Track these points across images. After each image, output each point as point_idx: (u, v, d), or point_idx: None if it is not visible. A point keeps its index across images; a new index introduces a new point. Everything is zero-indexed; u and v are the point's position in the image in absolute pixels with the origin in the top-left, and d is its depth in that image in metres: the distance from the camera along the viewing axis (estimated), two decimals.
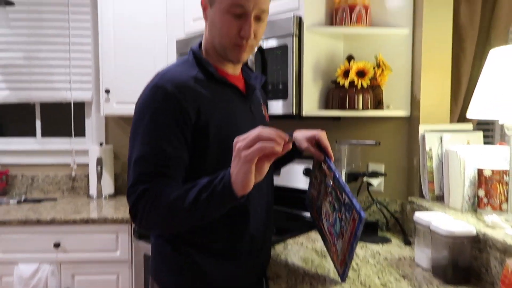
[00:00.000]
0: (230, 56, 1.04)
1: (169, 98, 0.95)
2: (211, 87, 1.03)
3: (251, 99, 1.15)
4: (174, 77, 0.99)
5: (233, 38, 1.01)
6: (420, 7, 1.64)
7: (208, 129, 0.99)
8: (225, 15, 0.99)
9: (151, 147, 0.94)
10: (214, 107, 1.01)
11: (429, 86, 1.65)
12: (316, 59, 1.72)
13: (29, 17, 2.58)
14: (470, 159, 1.39)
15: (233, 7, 0.97)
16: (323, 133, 1.16)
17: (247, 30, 0.99)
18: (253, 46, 1.06)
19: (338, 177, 1.07)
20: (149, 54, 2.29)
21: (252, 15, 0.99)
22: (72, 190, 2.69)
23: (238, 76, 1.15)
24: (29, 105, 2.69)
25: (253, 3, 0.98)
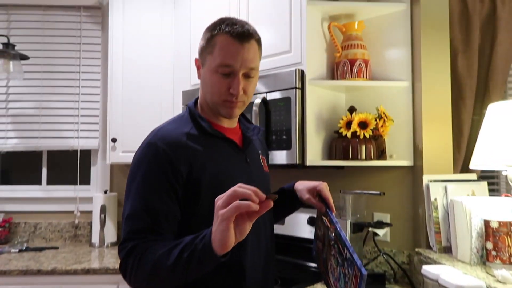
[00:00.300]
0: (222, 112, 1.08)
1: (160, 156, 0.98)
2: (204, 141, 1.05)
3: (248, 151, 1.16)
4: (166, 134, 1.03)
5: (223, 95, 1.04)
6: (418, 60, 1.71)
7: (200, 184, 1.00)
8: (215, 74, 1.04)
9: (142, 204, 0.96)
10: (207, 162, 1.03)
11: (431, 136, 1.67)
12: (318, 110, 1.76)
13: (42, 69, 2.69)
14: (476, 210, 1.38)
15: (221, 67, 1.02)
16: (324, 184, 1.16)
17: (235, 87, 1.03)
18: (244, 102, 1.08)
19: (339, 230, 1.06)
20: (156, 105, 2.36)
21: (240, 73, 1.03)
22: (74, 238, 2.66)
23: (235, 129, 1.17)
24: (35, 153, 2.73)
25: (240, 63, 1.02)
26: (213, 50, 1.04)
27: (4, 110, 2.67)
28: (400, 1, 1.77)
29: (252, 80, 1.08)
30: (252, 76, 1.06)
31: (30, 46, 2.65)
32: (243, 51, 1.02)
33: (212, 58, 1.04)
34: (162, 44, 2.39)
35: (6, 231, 2.57)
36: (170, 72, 2.37)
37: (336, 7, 1.81)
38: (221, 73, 1.03)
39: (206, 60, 1.06)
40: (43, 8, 2.71)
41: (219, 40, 1.03)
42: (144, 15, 2.40)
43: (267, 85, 1.78)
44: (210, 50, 1.05)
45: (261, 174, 1.19)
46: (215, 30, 1.04)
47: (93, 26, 2.74)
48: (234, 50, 1.01)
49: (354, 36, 1.78)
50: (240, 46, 1.02)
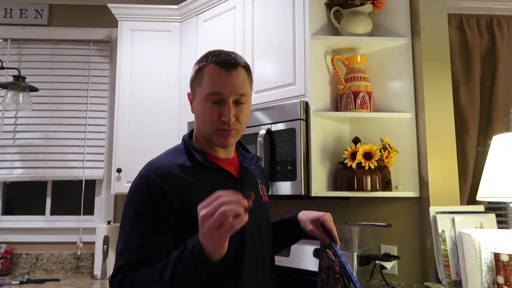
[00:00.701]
0: (216, 142, 1.08)
1: (152, 188, 0.99)
2: (198, 173, 1.05)
3: (245, 181, 1.15)
4: (159, 166, 1.04)
5: (215, 124, 1.05)
6: (421, 92, 1.73)
7: (193, 215, 0.97)
8: (205, 104, 1.05)
9: (135, 238, 0.96)
10: (200, 193, 1.00)
11: (436, 167, 1.67)
12: (323, 141, 1.77)
13: (50, 100, 2.74)
14: (485, 243, 1.36)
15: (210, 95, 1.04)
16: (328, 215, 1.15)
17: (226, 114, 1.03)
18: (238, 130, 1.08)
19: (344, 264, 1.04)
20: (161, 136, 2.39)
21: (230, 100, 1.04)
22: (76, 269, 2.63)
23: (232, 159, 1.16)
24: (40, 183, 2.73)
25: (229, 89, 1.03)
26: (201, 81, 1.06)
27: (12, 140, 2.71)
28: (401, 35, 1.82)
29: (244, 107, 1.08)
30: (243, 103, 1.07)
31: (40, 78, 2.72)
32: (231, 78, 1.04)
33: (201, 88, 1.06)
34: (168, 77, 2.44)
35: (7, 262, 2.54)
36: (175, 104, 2.41)
37: (338, 42, 1.85)
38: (211, 101, 1.04)
39: (197, 92, 1.09)
40: (54, 42, 2.80)
41: (207, 71, 1.05)
42: (151, 49, 2.46)
43: (271, 117, 1.80)
44: (199, 81, 1.07)
45: (259, 204, 1.17)
46: (203, 62, 1.08)
47: (101, 59, 2.82)
48: (222, 78, 1.04)
49: (357, 69, 1.81)
50: (227, 74, 1.04)
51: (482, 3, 2.18)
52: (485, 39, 2.16)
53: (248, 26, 2.04)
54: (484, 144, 2.09)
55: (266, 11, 1.96)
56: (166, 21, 2.47)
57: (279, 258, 1.92)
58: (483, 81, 2.12)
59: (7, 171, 2.67)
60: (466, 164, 1.92)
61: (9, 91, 2.42)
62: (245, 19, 2.06)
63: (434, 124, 1.69)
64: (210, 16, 2.27)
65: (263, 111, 1.84)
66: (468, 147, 1.94)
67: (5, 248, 2.56)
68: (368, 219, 1.83)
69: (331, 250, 1.10)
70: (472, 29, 2.15)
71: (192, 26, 2.38)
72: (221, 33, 2.19)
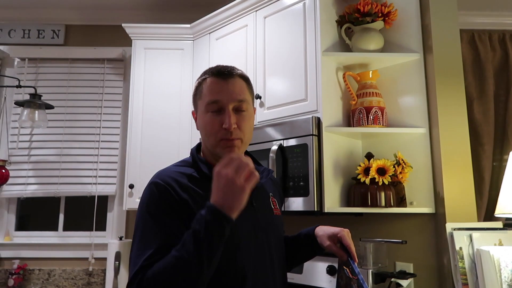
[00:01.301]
0: (221, 154, 1.05)
1: (162, 190, 0.99)
2: (206, 185, 1.01)
3: (254, 194, 1.10)
4: (168, 174, 1.04)
5: (217, 134, 1.04)
6: (434, 107, 1.72)
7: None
8: (206, 115, 1.06)
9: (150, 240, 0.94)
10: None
11: (452, 183, 1.65)
12: (335, 157, 1.76)
13: (65, 117, 2.79)
14: (505, 260, 1.32)
15: (209, 104, 1.05)
16: (346, 231, 1.12)
17: (227, 121, 1.02)
18: (242, 140, 1.06)
19: (362, 282, 1.02)
20: (174, 152, 2.39)
21: (230, 108, 1.04)
22: (87, 285, 2.62)
23: None
24: (53, 199, 2.76)
25: (227, 97, 1.04)
26: (201, 94, 1.08)
27: (27, 157, 2.75)
28: (413, 51, 1.82)
29: (245, 114, 1.07)
30: (243, 110, 1.06)
31: (55, 96, 2.78)
32: (227, 85, 1.06)
33: (201, 101, 1.08)
34: (181, 95, 2.47)
35: (20, 278, 2.55)
36: (188, 121, 2.43)
37: (350, 58, 1.86)
38: (211, 111, 1.05)
39: (198, 106, 1.10)
40: (70, 61, 2.87)
41: (205, 83, 1.08)
42: (164, 67, 2.50)
43: (283, 132, 1.81)
44: (199, 95, 1.09)
45: (269, 218, 1.15)
46: (201, 77, 1.11)
47: (115, 77, 2.87)
48: (219, 86, 1.06)
49: (369, 84, 1.82)
50: (223, 82, 1.06)
51: (494, 18, 2.19)
52: (498, 53, 2.15)
53: (260, 43, 2.07)
54: (500, 159, 2.06)
55: (278, 29, 1.99)
56: (179, 40, 2.52)
57: (292, 275, 1.89)
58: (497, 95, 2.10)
59: (21, 187, 2.70)
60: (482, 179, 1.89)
61: (25, 109, 2.47)
62: (257, 37, 2.09)
63: (448, 139, 1.68)
64: (222, 34, 2.31)
65: (275, 127, 1.84)
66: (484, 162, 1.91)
67: (18, 264, 2.58)
68: (382, 235, 1.80)
69: (348, 267, 1.08)
70: (484, 44, 2.15)
71: (205, 44, 2.42)
72: (233, 51, 2.22)
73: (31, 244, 2.68)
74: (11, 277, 2.52)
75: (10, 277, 2.52)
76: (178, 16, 2.83)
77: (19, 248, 2.67)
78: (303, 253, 1.27)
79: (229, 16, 2.25)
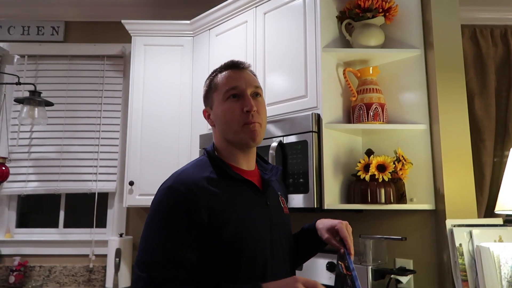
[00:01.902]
0: (245, 138, 1.06)
1: (181, 200, 0.97)
2: (225, 185, 1.04)
3: (268, 194, 1.14)
4: (187, 178, 1.01)
5: (239, 118, 1.05)
6: (435, 103, 1.71)
7: (224, 226, 0.98)
8: (225, 103, 1.07)
9: (162, 251, 0.94)
10: (228, 206, 1.01)
11: (452, 179, 1.64)
12: (335, 154, 1.76)
13: (65, 114, 2.79)
14: (505, 257, 1.32)
15: (228, 91, 1.07)
16: (344, 223, 1.12)
17: (248, 103, 1.05)
18: (261, 124, 1.09)
19: (355, 278, 1.01)
20: (173, 149, 2.40)
21: (248, 93, 1.08)
22: (88, 282, 2.63)
23: (254, 171, 1.16)
24: (53, 196, 2.76)
25: (245, 82, 1.09)
26: (217, 86, 1.11)
27: (27, 154, 2.75)
28: (414, 47, 1.81)
29: (261, 100, 1.11)
30: (260, 95, 1.11)
31: (55, 93, 2.77)
32: (243, 74, 1.11)
33: (218, 92, 1.10)
34: (181, 91, 2.46)
35: (21, 275, 2.56)
36: (188, 117, 2.43)
37: (350, 54, 1.85)
38: (230, 98, 1.07)
39: (214, 99, 1.11)
40: (69, 58, 2.86)
41: (219, 77, 1.12)
42: (164, 63, 2.50)
43: (283, 129, 1.80)
44: (214, 88, 1.11)
45: (281, 217, 1.16)
46: (213, 74, 1.14)
47: (115, 74, 2.86)
48: (236, 75, 1.10)
49: (369, 81, 1.81)
50: (239, 72, 1.11)
51: (496, 13, 2.17)
52: (499, 49, 2.14)
53: (260, 39, 2.06)
54: (500, 155, 2.05)
55: (278, 25, 1.98)
56: (179, 36, 2.51)
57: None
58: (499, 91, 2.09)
59: (22, 184, 2.70)
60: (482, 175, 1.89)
61: (25, 106, 2.47)
62: (257, 33, 2.08)
63: (449, 135, 1.67)
64: (222, 31, 2.30)
65: (275, 124, 1.84)
66: (485, 158, 1.90)
67: (19, 261, 2.58)
68: (382, 232, 1.79)
69: (344, 262, 1.07)
70: (486, 39, 2.13)
71: (204, 40, 2.41)
72: (233, 47, 2.21)
73: (31, 241, 2.69)
74: (12, 274, 2.53)
75: (11, 274, 2.53)
76: (177, 13, 2.82)
77: (20, 245, 2.68)
78: (307, 249, 1.27)
79: (229, 12, 2.24)
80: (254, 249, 1.01)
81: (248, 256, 1.00)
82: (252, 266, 1.00)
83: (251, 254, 1.00)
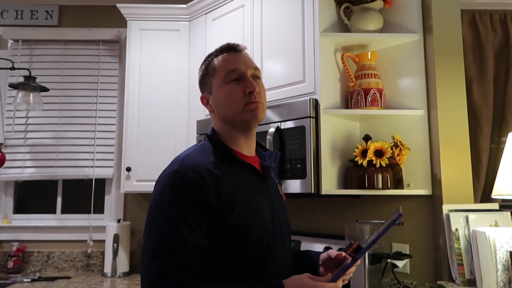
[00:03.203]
0: (247, 118, 1.06)
1: (190, 185, 0.94)
2: (229, 170, 1.03)
3: (269, 180, 1.15)
4: (193, 162, 0.99)
5: (241, 99, 1.05)
6: (433, 88, 1.70)
7: (231, 211, 0.97)
8: (226, 86, 1.06)
9: (175, 237, 0.91)
10: (234, 191, 1.00)
11: (450, 164, 1.64)
12: (333, 139, 1.76)
13: (60, 100, 2.76)
14: (501, 241, 1.33)
15: (228, 74, 1.06)
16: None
17: (250, 85, 1.05)
18: (263, 105, 1.09)
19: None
20: (171, 135, 2.39)
21: (249, 74, 1.07)
22: (86, 267, 2.64)
23: (254, 157, 1.16)
24: (51, 182, 2.76)
25: (244, 64, 1.08)
26: (214, 70, 1.09)
27: (23, 140, 2.73)
28: (413, 31, 1.79)
29: (260, 82, 1.11)
30: (259, 77, 1.11)
31: (50, 79, 2.74)
32: (241, 56, 1.10)
33: (217, 76, 1.08)
34: (178, 77, 2.44)
35: (19, 260, 2.57)
36: (184, 103, 2.41)
37: (349, 39, 1.83)
38: (231, 80, 1.06)
39: (213, 83, 1.09)
40: (64, 43, 2.82)
41: (216, 60, 1.10)
42: (160, 48, 2.46)
43: (281, 115, 1.79)
44: (212, 72, 1.10)
45: (281, 204, 1.17)
46: (209, 58, 1.13)
47: (111, 59, 2.83)
48: (234, 57, 1.09)
49: (367, 66, 1.79)
50: (236, 54, 1.10)
51: None
52: (498, 35, 2.12)
53: (257, 24, 2.03)
54: (497, 141, 2.05)
55: (275, 9, 1.95)
56: (175, 20, 2.48)
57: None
58: (497, 77, 2.08)
59: (18, 170, 2.69)
60: (479, 161, 1.89)
61: (20, 91, 2.44)
62: (254, 17, 2.05)
63: (447, 121, 1.67)
64: (218, 15, 2.27)
65: (272, 109, 1.83)
66: (482, 144, 1.90)
67: (17, 246, 2.59)
68: (379, 217, 1.81)
69: None
70: (485, 25, 2.11)
71: (201, 25, 2.38)
72: (230, 32, 2.18)
73: (29, 227, 2.69)
74: (10, 260, 2.54)
75: (9, 259, 2.54)
76: None
77: (18, 231, 2.68)
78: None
79: None
80: (258, 235, 1.01)
81: (253, 242, 1.00)
82: (256, 252, 1.00)
83: (256, 240, 1.00)
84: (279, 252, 1.07)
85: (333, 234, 1.92)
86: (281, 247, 1.09)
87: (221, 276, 0.96)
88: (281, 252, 1.08)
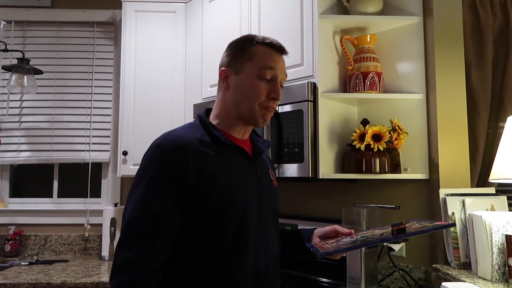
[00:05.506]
0: (257, 118, 1.07)
1: (167, 159, 0.97)
2: (216, 149, 1.04)
3: (258, 163, 1.15)
4: (176, 137, 1.01)
5: (263, 101, 1.06)
6: (432, 72, 1.69)
7: (210, 191, 0.98)
8: (256, 80, 1.06)
9: (144, 208, 0.95)
10: (218, 168, 1.01)
11: (447, 149, 1.64)
12: (331, 123, 1.75)
13: (55, 83, 2.73)
14: (497, 225, 1.34)
15: (265, 70, 1.06)
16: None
17: (277, 92, 1.07)
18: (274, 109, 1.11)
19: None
20: (167, 118, 2.37)
21: (279, 79, 1.08)
22: (84, 251, 2.66)
23: (246, 141, 1.16)
24: (47, 166, 2.74)
25: (280, 69, 1.09)
26: (253, 57, 1.07)
27: (18, 123, 2.71)
28: (413, 14, 1.77)
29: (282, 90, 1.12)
30: (283, 86, 1.12)
31: (44, 61, 2.70)
32: (281, 60, 1.11)
33: (252, 64, 1.07)
34: (174, 60, 2.41)
35: (17, 243, 2.58)
36: (181, 86, 2.39)
37: (348, 21, 1.81)
38: (263, 78, 1.06)
39: (244, 67, 1.07)
40: (58, 24, 2.77)
41: (260, 49, 1.08)
42: (156, 30, 2.42)
43: None
44: (249, 57, 1.07)
45: (270, 188, 1.17)
46: (253, 41, 1.09)
47: (106, 41, 2.78)
48: (275, 57, 1.09)
49: (366, 49, 1.77)
50: (279, 55, 1.10)
51: None
52: (498, 19, 2.09)
53: (255, 5, 1.99)
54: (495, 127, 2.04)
55: None
56: (171, 2, 2.43)
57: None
58: (496, 62, 2.06)
59: (14, 154, 2.68)
60: (476, 146, 1.88)
61: (13, 74, 2.41)
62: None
63: (445, 106, 1.66)
64: None
65: None
66: (479, 129, 1.89)
67: (14, 230, 2.59)
68: (376, 202, 1.81)
69: None
70: (485, 8, 2.07)
71: (198, 6, 2.34)
72: (227, 13, 2.14)
73: (26, 211, 2.69)
74: (7, 243, 2.55)
75: (7, 242, 2.55)
76: None
77: (14, 215, 2.68)
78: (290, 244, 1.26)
79: None
80: (241, 216, 1.01)
81: (235, 222, 1.00)
82: (238, 233, 1.00)
83: (238, 221, 1.00)
84: (265, 235, 1.08)
85: (330, 218, 1.93)
86: (268, 229, 1.09)
87: (187, 267, 0.97)
88: (268, 235, 1.09)
